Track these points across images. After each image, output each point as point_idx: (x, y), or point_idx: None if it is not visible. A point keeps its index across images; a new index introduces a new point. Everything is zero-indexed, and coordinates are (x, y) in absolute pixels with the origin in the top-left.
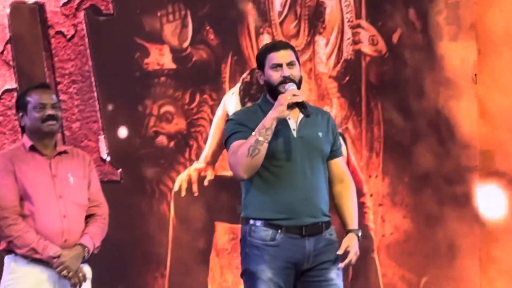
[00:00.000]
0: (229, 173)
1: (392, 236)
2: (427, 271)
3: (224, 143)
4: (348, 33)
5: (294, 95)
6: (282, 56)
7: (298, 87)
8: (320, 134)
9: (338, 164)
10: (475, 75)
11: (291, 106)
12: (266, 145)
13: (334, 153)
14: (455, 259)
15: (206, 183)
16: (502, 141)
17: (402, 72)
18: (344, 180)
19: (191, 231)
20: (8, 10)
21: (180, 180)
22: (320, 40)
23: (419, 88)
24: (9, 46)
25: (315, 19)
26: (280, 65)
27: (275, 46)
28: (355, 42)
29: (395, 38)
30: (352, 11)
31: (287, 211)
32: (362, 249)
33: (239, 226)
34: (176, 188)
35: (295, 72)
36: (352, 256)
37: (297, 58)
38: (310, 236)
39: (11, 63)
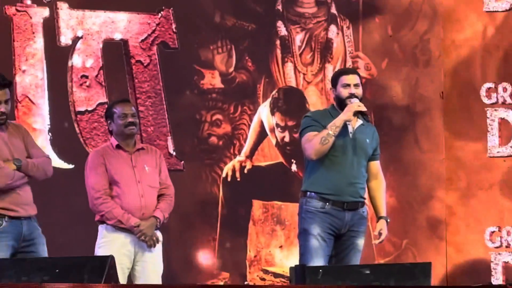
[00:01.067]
0: (262, 163)
1: None
2: (407, 236)
3: (300, 131)
4: (349, 61)
5: (359, 105)
6: (351, 78)
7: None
8: (367, 140)
9: (375, 165)
10: (442, 92)
11: (355, 113)
12: (333, 138)
13: (374, 156)
14: (428, 225)
15: (245, 171)
16: (463, 132)
17: (389, 90)
18: (377, 178)
19: (235, 206)
20: (101, 45)
21: (227, 169)
22: (329, 66)
23: (401, 101)
24: (102, 71)
25: (325, 51)
26: (349, 85)
27: (346, 71)
28: (354, 68)
29: (383, 65)
30: (352, 45)
31: (335, 190)
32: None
33: (271, 202)
34: (224, 175)
35: (359, 91)
36: (384, 237)
37: (361, 82)
38: (349, 210)
39: (103, 83)
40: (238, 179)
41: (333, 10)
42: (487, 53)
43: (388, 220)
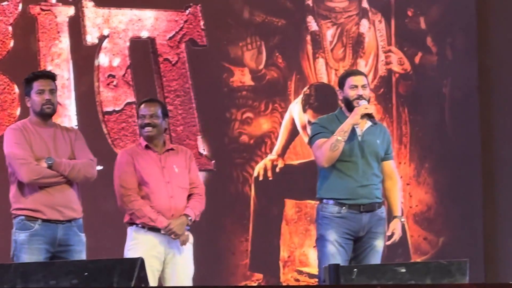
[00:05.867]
0: (294, 162)
1: (417, 207)
2: (443, 233)
3: (309, 139)
4: (381, 56)
5: (366, 108)
6: (358, 79)
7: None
8: (378, 141)
9: (389, 165)
10: (477, 86)
11: (363, 116)
12: (343, 143)
13: (387, 156)
14: (465, 223)
15: (277, 170)
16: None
17: (422, 85)
18: (392, 178)
19: (267, 206)
20: (128, 44)
21: (258, 168)
22: (361, 62)
23: (434, 96)
24: (129, 70)
25: (357, 46)
26: (356, 86)
27: (353, 72)
28: (387, 63)
29: (417, 59)
30: (384, 39)
31: (349, 194)
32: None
33: (303, 202)
34: (255, 174)
35: (367, 92)
36: (397, 237)
37: (368, 83)
38: (366, 212)
39: (130, 83)
40: (270, 178)
41: (365, 4)
42: None
43: (403, 220)
